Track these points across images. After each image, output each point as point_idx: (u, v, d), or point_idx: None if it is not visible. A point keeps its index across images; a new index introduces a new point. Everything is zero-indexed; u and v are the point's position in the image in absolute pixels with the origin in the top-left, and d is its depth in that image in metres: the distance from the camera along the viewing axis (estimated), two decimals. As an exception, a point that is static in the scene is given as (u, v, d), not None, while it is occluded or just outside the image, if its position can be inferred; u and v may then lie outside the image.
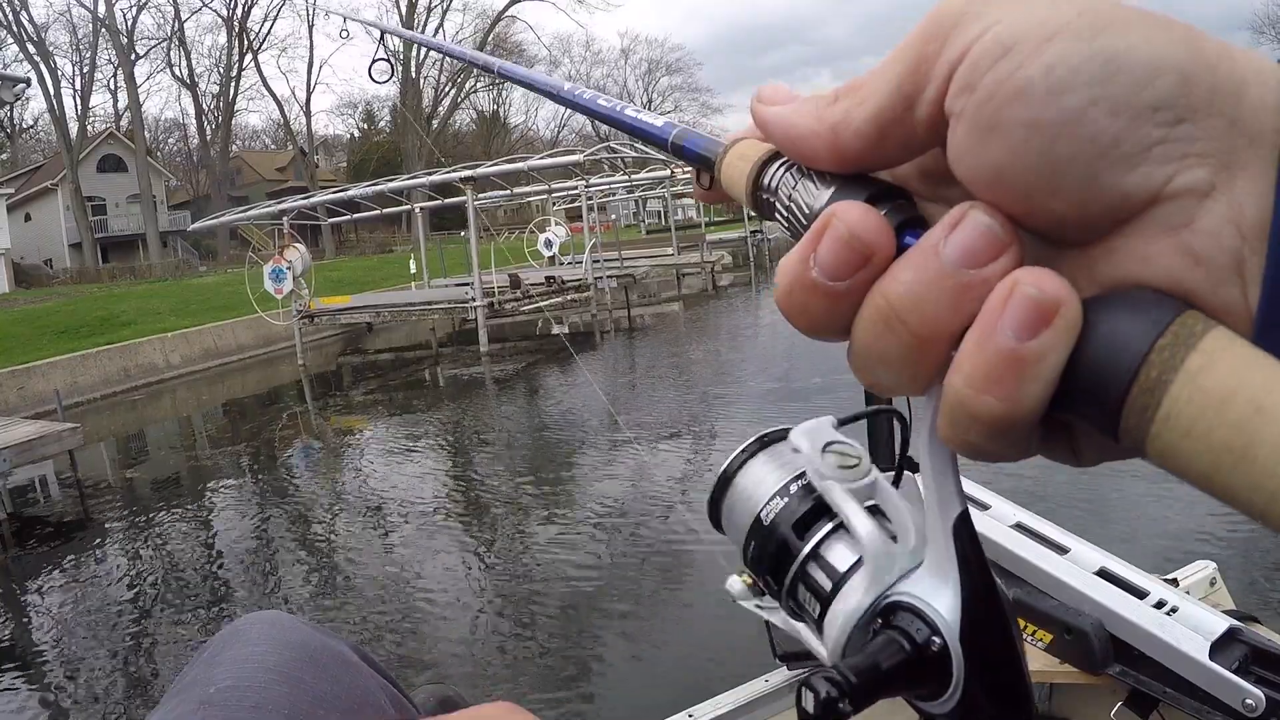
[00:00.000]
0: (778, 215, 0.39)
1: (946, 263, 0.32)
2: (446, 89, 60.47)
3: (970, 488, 2.03)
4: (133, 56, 51.39)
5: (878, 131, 0.35)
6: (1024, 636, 1.69)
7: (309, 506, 9.31)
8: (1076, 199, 0.31)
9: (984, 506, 1.99)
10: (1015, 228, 0.33)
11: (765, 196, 0.40)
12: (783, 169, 0.39)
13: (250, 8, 55.18)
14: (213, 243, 49.95)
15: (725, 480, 0.49)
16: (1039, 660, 1.76)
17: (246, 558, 7.89)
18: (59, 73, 50.63)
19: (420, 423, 12.72)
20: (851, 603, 0.42)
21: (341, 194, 22.34)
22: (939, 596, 0.39)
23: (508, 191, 25.09)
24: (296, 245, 18.29)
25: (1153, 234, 0.31)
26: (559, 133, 71.04)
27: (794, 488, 0.47)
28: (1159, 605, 1.67)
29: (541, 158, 21.39)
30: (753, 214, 0.42)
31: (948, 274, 0.32)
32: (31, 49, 48.53)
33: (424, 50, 57.87)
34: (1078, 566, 1.79)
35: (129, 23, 51.69)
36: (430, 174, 21.23)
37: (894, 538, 0.42)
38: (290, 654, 0.94)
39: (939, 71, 0.33)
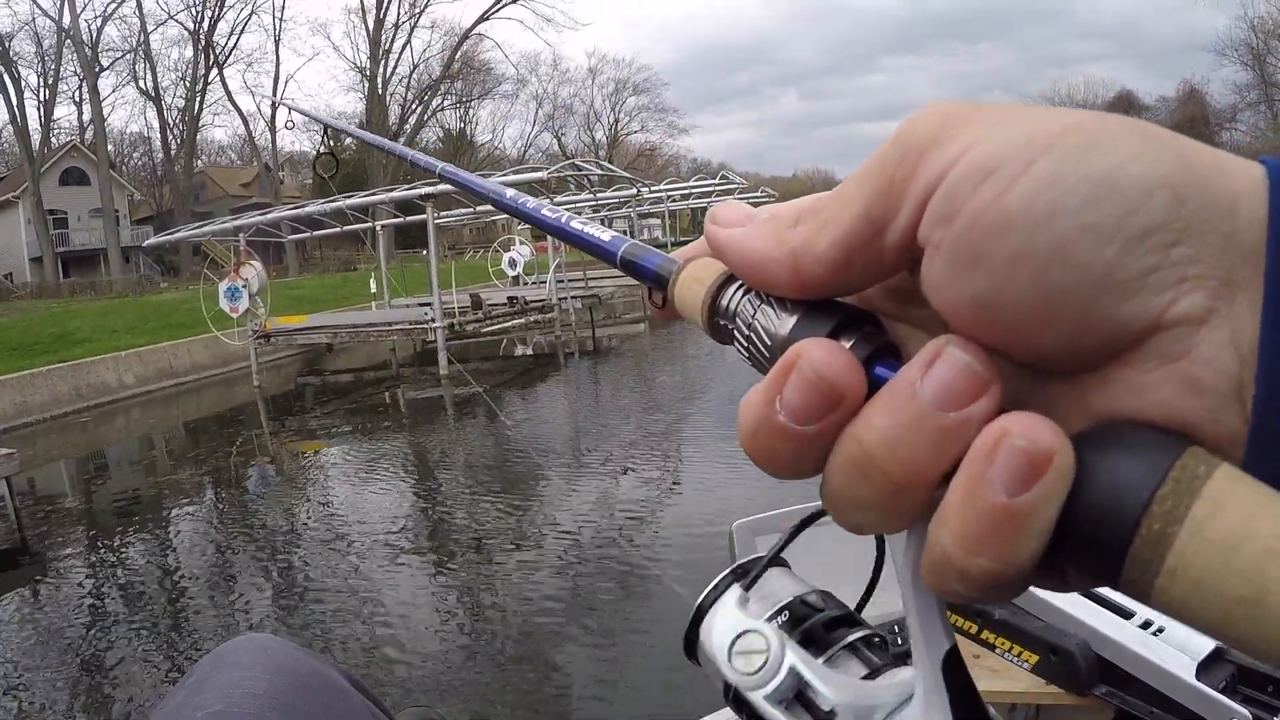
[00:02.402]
0: (737, 344, 0.38)
1: (924, 405, 0.31)
2: (413, 106, 60.29)
3: None
4: (97, 68, 50.96)
5: (843, 258, 0.34)
6: (1010, 658, 1.82)
7: (265, 533, 8.95)
8: (1068, 333, 0.30)
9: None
10: (997, 362, 0.31)
11: (722, 322, 0.38)
12: (740, 293, 0.38)
13: (216, 21, 54.90)
14: (176, 259, 49.54)
15: (693, 633, 0.49)
16: (1025, 681, 1.79)
17: (200, 590, 7.51)
18: (23, 83, 50.22)
19: (376, 447, 12.46)
20: None
21: (300, 210, 22.08)
22: None
23: (471, 210, 24.89)
24: (253, 262, 17.97)
25: (1150, 364, 0.29)
26: (525, 151, 71.15)
27: None
28: (1145, 625, 1.69)
29: (505, 174, 21.22)
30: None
31: (926, 417, 0.31)
32: (-7, 59, 48.04)
33: (391, 66, 57.82)
34: None
35: (94, 34, 51.30)
36: (390, 190, 21.02)
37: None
38: (280, 679, 0.92)
39: (912, 198, 0.32)
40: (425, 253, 21.69)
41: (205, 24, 54.39)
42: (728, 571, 0.50)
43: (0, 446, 10.06)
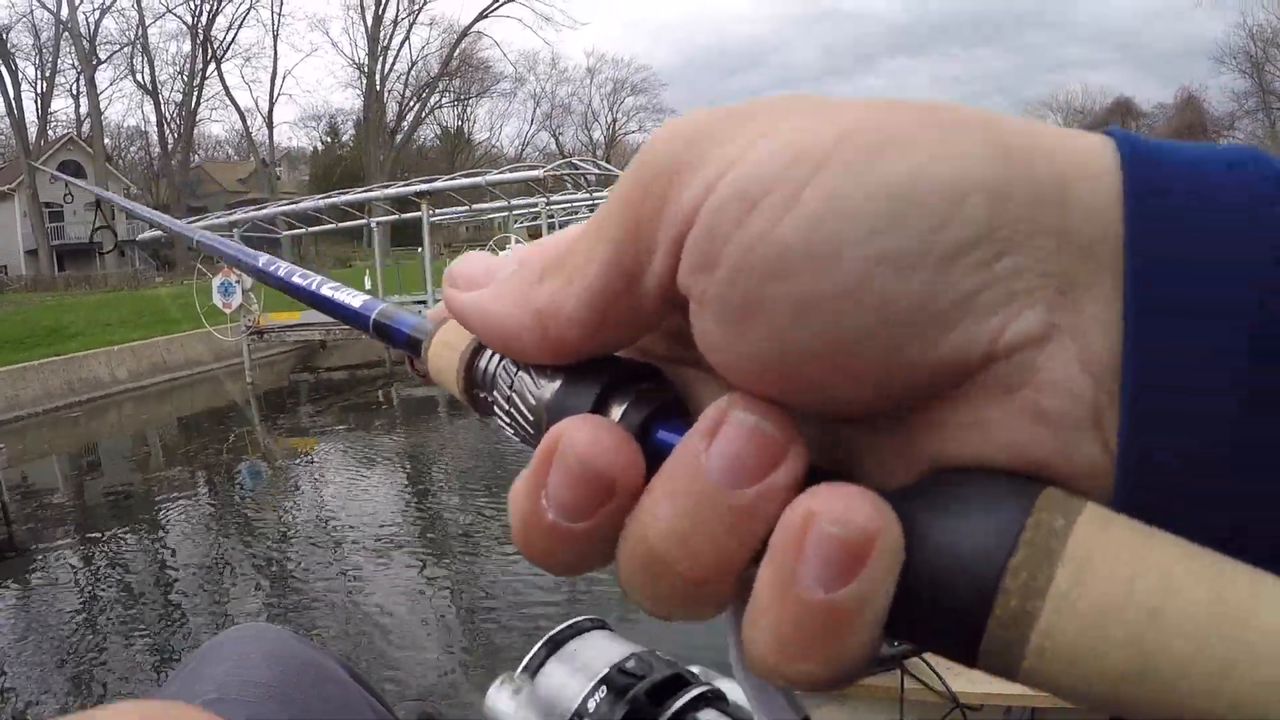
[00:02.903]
0: (499, 420, 0.33)
1: (711, 484, 0.26)
2: (411, 104, 60.16)
3: None
4: (95, 61, 50.80)
5: (596, 317, 0.29)
6: None
7: (255, 530, 8.95)
8: (875, 382, 0.25)
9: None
10: (793, 420, 0.26)
11: (480, 394, 0.34)
12: (496, 359, 0.33)
13: (214, 16, 54.70)
14: (171, 253, 49.37)
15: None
16: (1019, 684, 1.62)
17: (190, 586, 7.51)
18: (20, 75, 50.04)
19: (369, 444, 12.41)
20: None
21: (294, 206, 22.02)
22: None
23: (467, 207, 24.80)
24: (247, 259, 17.95)
25: (986, 398, 0.25)
26: (523, 150, 71.01)
27: None
28: None
29: (501, 172, 21.16)
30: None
31: (716, 498, 0.25)
32: (-9, 51, 47.89)
33: (389, 62, 57.69)
34: None
35: (91, 27, 51.13)
36: (386, 187, 20.96)
37: None
38: (277, 668, 0.91)
39: (664, 241, 0.26)
40: (420, 250, 21.60)
41: (203, 18, 54.22)
42: (533, 654, 0.43)
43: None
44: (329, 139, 65.41)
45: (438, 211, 22.75)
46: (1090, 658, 0.22)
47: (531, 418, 0.31)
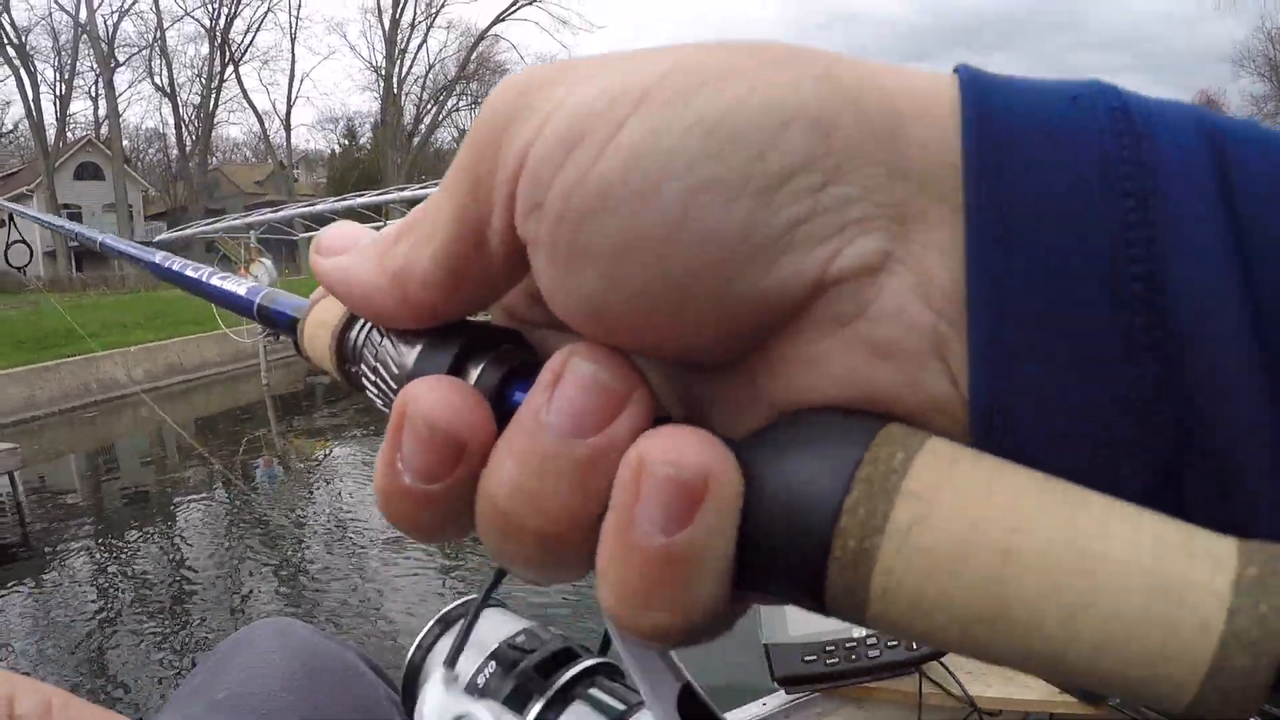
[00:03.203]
0: (368, 391, 0.33)
1: (552, 437, 0.25)
2: (428, 107, 60.26)
3: None
4: (113, 64, 51.02)
5: (449, 275, 0.29)
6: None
7: (271, 530, 8.90)
8: (709, 319, 0.25)
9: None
10: (635, 368, 0.26)
11: (350, 368, 0.34)
12: (365, 330, 0.33)
13: (233, 19, 54.90)
14: (189, 255, 49.54)
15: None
16: (1038, 690, 1.77)
17: (206, 585, 7.48)
18: (39, 77, 50.29)
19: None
20: None
21: (310, 208, 22.04)
22: None
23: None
24: (263, 259, 17.94)
25: (820, 332, 0.25)
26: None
27: None
28: None
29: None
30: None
31: (558, 452, 0.25)
32: (12, 53, 48.10)
33: (406, 66, 57.75)
34: None
35: (110, 29, 51.36)
36: (402, 189, 20.96)
37: None
38: (299, 661, 0.92)
39: (500, 189, 0.26)
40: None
41: (221, 21, 54.44)
42: (426, 631, 0.44)
43: (2, 441, 9.98)
44: (346, 141, 65.58)
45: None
46: (937, 598, 0.21)
47: (395, 385, 0.31)
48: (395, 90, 56.85)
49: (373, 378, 0.32)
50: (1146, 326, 0.22)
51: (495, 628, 0.47)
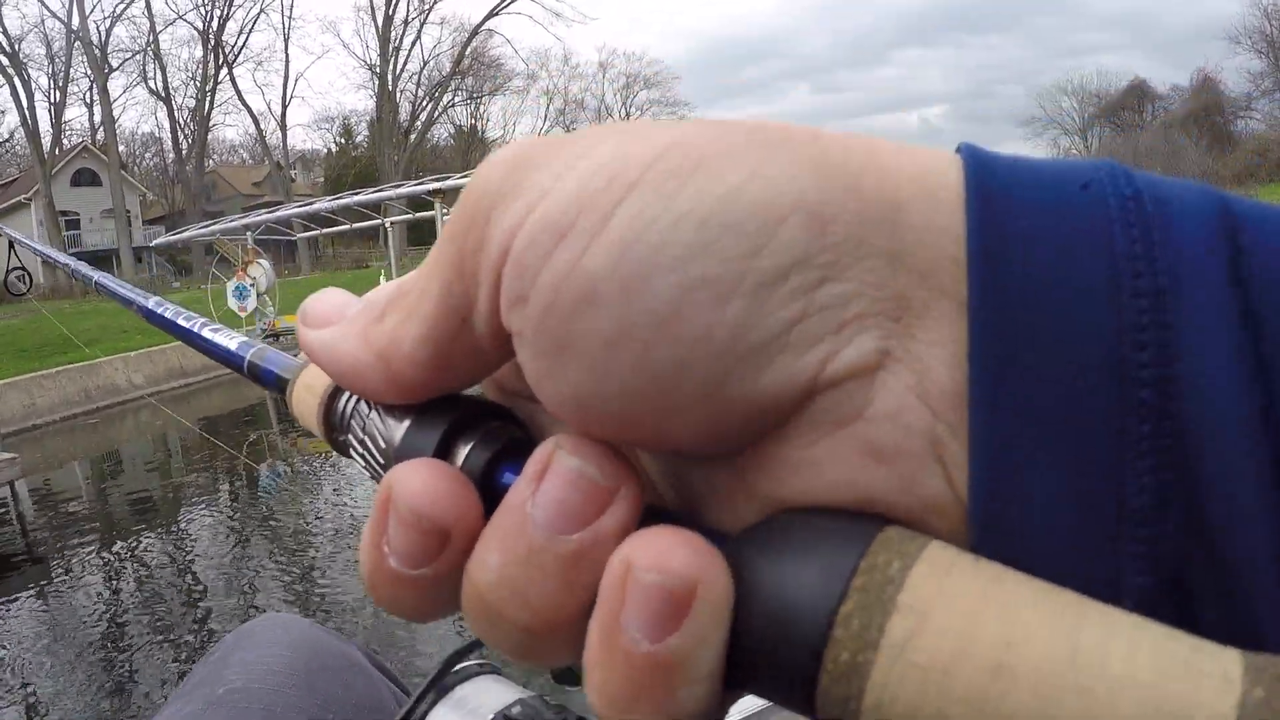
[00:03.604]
0: (356, 461, 0.33)
1: (537, 530, 0.25)
2: (424, 103, 60.22)
3: None
4: (107, 69, 50.98)
5: (435, 356, 0.28)
6: None
7: (275, 533, 8.87)
8: (697, 418, 0.24)
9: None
10: (624, 460, 0.26)
11: (339, 437, 0.34)
12: (353, 401, 0.33)
13: (225, 21, 54.88)
14: (188, 258, 49.51)
15: None
16: None
17: (210, 588, 7.44)
18: (33, 85, 50.26)
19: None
20: None
21: (307, 208, 22.00)
22: None
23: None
24: (260, 261, 17.91)
25: (815, 433, 0.24)
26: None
27: None
28: None
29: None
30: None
31: (542, 546, 0.25)
32: (5, 61, 48.11)
33: (401, 63, 57.69)
34: None
35: (103, 35, 51.31)
36: (398, 186, 20.92)
37: None
38: (301, 657, 0.92)
39: (485, 276, 0.26)
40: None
41: (214, 23, 54.40)
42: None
43: (3, 450, 9.93)
44: (343, 140, 65.55)
45: (453, 210, 22.68)
46: (931, 715, 0.20)
47: (383, 460, 0.31)
48: (390, 88, 56.80)
49: (360, 449, 0.32)
50: (1154, 434, 0.21)
51: (492, 696, 0.46)
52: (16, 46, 49.32)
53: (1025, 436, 0.22)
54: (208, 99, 55.13)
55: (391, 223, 24.33)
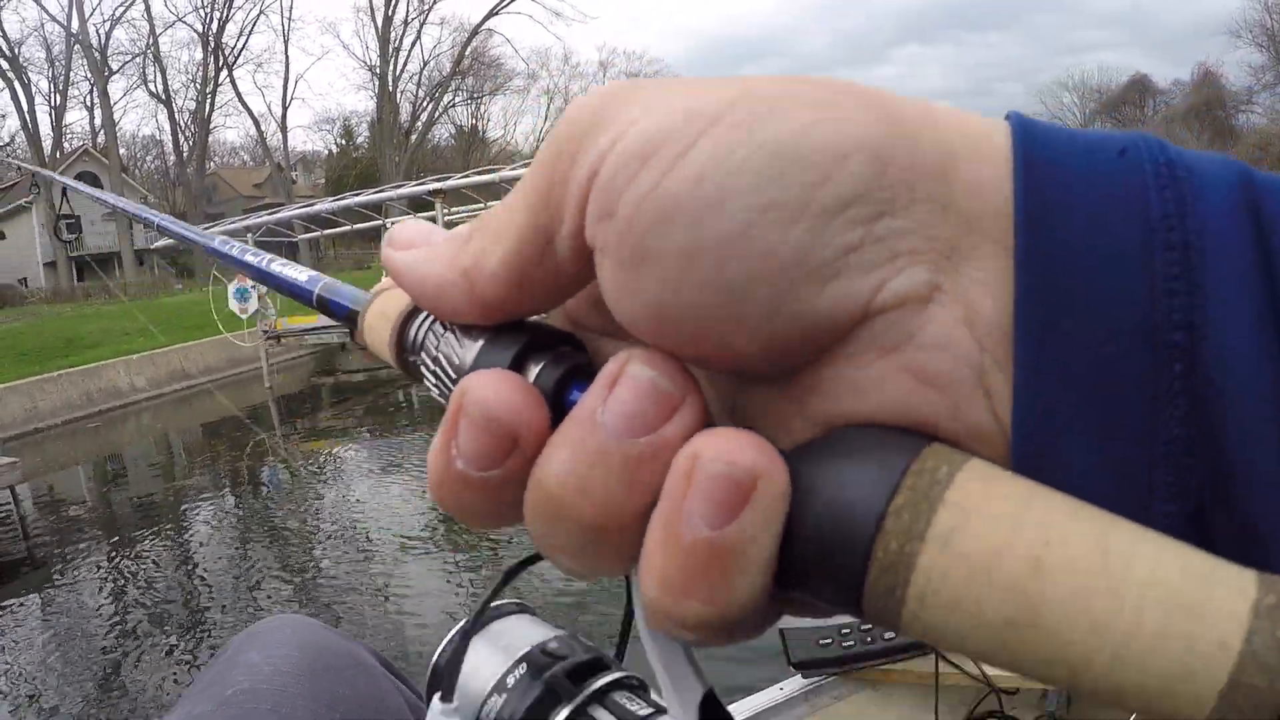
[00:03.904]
0: (426, 381, 0.35)
1: (607, 434, 0.27)
2: (424, 104, 60.18)
3: None
4: (106, 72, 50.99)
5: (517, 275, 0.31)
6: None
7: (278, 536, 8.86)
8: (762, 332, 0.26)
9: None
10: (689, 375, 0.28)
11: (411, 359, 0.36)
12: (427, 324, 0.35)
13: (225, 23, 54.86)
14: (190, 260, 49.47)
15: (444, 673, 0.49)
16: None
17: (214, 592, 7.43)
18: (33, 88, 50.27)
19: (390, 446, 12.34)
20: None
21: (307, 209, 21.95)
22: None
23: (483, 205, 24.72)
24: (261, 263, 17.88)
25: (868, 357, 0.26)
26: (538, 146, 70.90)
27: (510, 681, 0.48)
28: None
29: (515, 169, 21.04)
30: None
31: (611, 448, 0.27)
32: (5, 65, 48.11)
33: (401, 63, 57.64)
34: None
35: (102, 38, 51.30)
36: (398, 187, 20.90)
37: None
38: (309, 657, 0.92)
39: (572, 196, 0.28)
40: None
41: (214, 25, 54.39)
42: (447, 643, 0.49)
43: (3, 455, 9.91)
44: (343, 142, 65.49)
45: (453, 210, 22.67)
46: (971, 603, 0.22)
47: (455, 377, 0.32)
48: (390, 88, 56.79)
49: (433, 368, 0.34)
50: (1185, 374, 0.23)
51: (525, 633, 0.48)
52: (16, 50, 49.35)
53: (1065, 374, 0.24)
54: (208, 101, 55.15)
55: (392, 223, 24.29)
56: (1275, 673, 0.19)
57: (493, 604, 0.47)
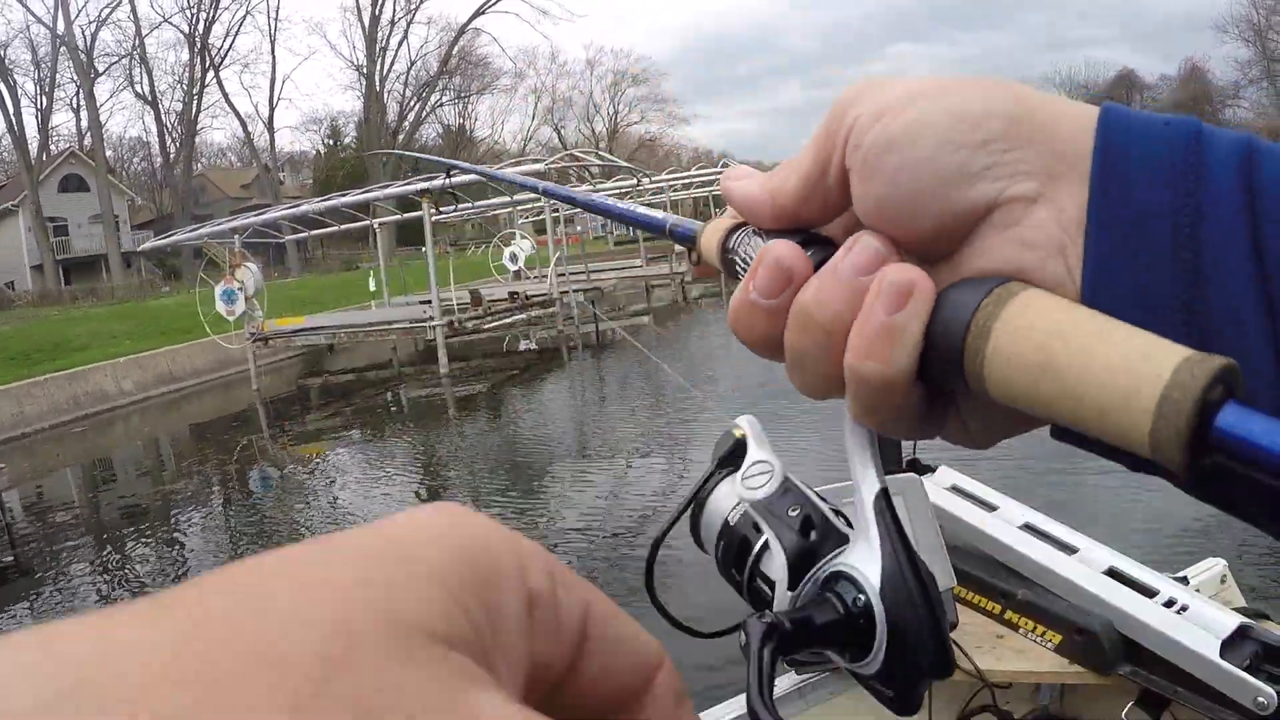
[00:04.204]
0: (737, 269, 0.49)
1: (843, 274, 0.42)
2: (411, 104, 60.11)
3: (978, 489, 2.16)
4: (93, 74, 50.82)
5: (804, 192, 0.46)
6: (1034, 638, 1.87)
7: (268, 538, 8.78)
8: (936, 215, 0.41)
9: (991, 508, 2.08)
10: (896, 247, 0.43)
11: (729, 256, 0.50)
12: (741, 234, 0.50)
13: (211, 23, 54.72)
14: (178, 262, 49.33)
15: (699, 503, 0.60)
16: (1049, 661, 1.82)
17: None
18: (19, 90, 50.09)
19: (378, 448, 12.29)
20: (782, 578, 0.51)
21: (294, 210, 21.84)
22: (869, 565, 0.45)
23: (470, 204, 24.65)
24: (248, 264, 17.72)
25: (994, 233, 0.41)
26: (525, 145, 70.76)
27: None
28: (1169, 604, 1.73)
29: (501, 167, 20.86)
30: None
31: (844, 282, 0.42)
32: (-10, 68, 47.92)
33: (388, 63, 57.57)
34: (1086, 566, 1.85)
35: (88, 39, 51.14)
36: (385, 187, 20.80)
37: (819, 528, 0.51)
38: None
39: (839, 140, 0.44)
40: (422, 249, 21.35)
41: (200, 26, 54.24)
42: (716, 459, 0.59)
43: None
44: (331, 142, 65.38)
45: (441, 210, 22.60)
46: (1018, 356, 0.36)
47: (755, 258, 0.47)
48: (378, 88, 56.66)
49: (743, 257, 0.49)
50: (1189, 263, 0.37)
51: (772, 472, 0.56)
52: (2, 53, 49.18)
53: (1115, 256, 0.39)
54: (195, 102, 54.97)
55: (380, 223, 24.25)
56: (1187, 389, 0.32)
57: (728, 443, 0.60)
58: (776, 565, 0.51)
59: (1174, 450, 0.32)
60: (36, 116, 52.45)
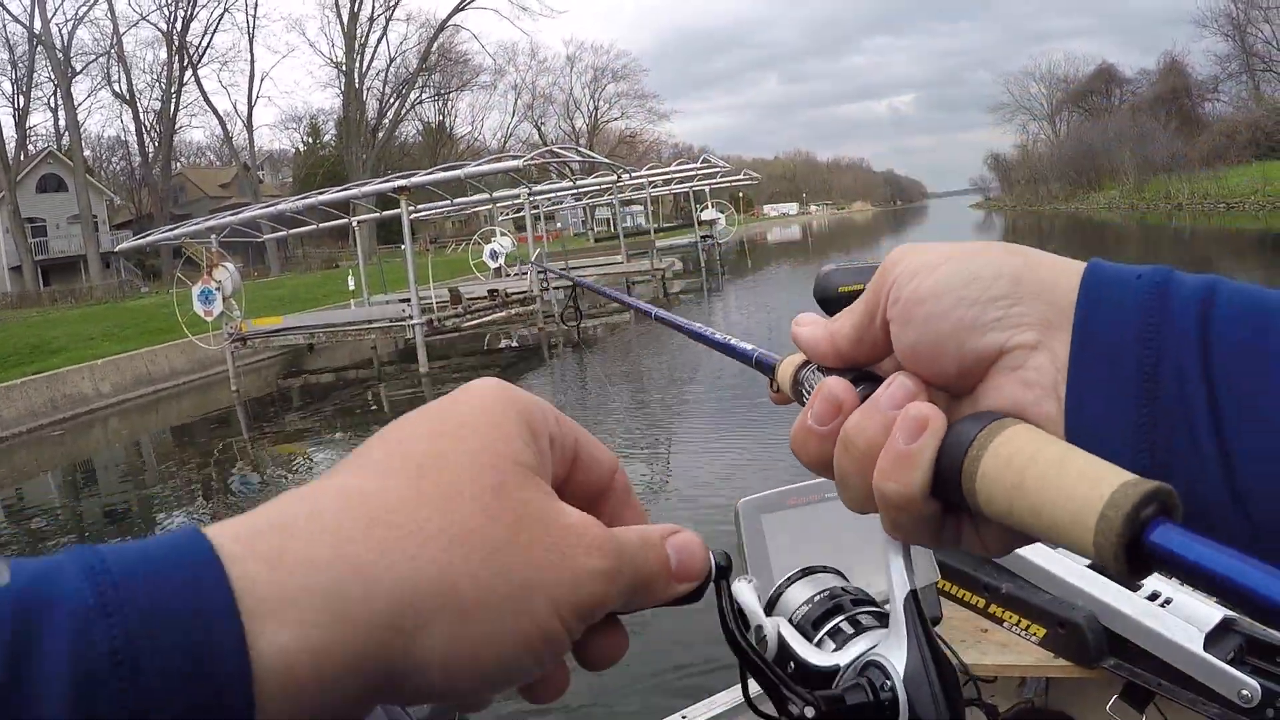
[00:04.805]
0: (803, 395, 0.57)
1: (880, 407, 0.49)
2: (391, 101, 59.91)
3: None
4: (70, 73, 50.52)
5: (857, 336, 0.54)
6: (1018, 631, 1.88)
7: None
8: (956, 358, 0.49)
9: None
10: (925, 385, 0.50)
11: (799, 388, 0.58)
12: (808, 371, 0.58)
13: (189, 21, 54.46)
14: (157, 262, 49.09)
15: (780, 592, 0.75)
16: (1033, 655, 1.83)
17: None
18: (-6, 91, 49.74)
19: (355, 449, 12.19)
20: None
21: (271, 208, 21.66)
22: (897, 656, 0.56)
23: (449, 201, 24.57)
24: (225, 264, 17.55)
25: (1003, 375, 0.48)
26: (506, 142, 70.67)
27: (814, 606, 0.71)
28: (1152, 597, 1.73)
29: (479, 164, 20.75)
30: (703, 220, 0.75)
31: (880, 413, 0.49)
32: (-35, 69, 47.58)
33: (367, 60, 57.39)
34: (1070, 559, 1.84)
35: (66, 38, 50.86)
36: (363, 185, 20.68)
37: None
38: None
39: (883, 294, 0.52)
40: (401, 247, 21.21)
41: (178, 24, 53.98)
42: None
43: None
44: (310, 140, 65.15)
45: (420, 207, 22.53)
46: (998, 478, 0.43)
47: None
48: (357, 86, 56.44)
49: (807, 388, 0.57)
50: (1149, 398, 0.44)
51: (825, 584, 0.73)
52: (-23, 53, 48.82)
53: (1090, 394, 0.45)
54: (173, 101, 54.72)
55: (359, 221, 24.10)
56: (1120, 509, 0.38)
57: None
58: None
59: (1113, 561, 0.38)
60: (14, 116, 52.18)
